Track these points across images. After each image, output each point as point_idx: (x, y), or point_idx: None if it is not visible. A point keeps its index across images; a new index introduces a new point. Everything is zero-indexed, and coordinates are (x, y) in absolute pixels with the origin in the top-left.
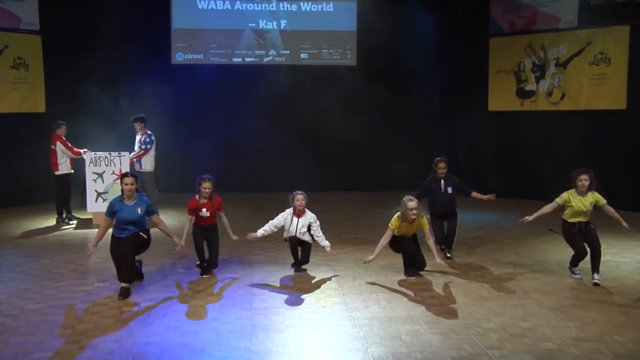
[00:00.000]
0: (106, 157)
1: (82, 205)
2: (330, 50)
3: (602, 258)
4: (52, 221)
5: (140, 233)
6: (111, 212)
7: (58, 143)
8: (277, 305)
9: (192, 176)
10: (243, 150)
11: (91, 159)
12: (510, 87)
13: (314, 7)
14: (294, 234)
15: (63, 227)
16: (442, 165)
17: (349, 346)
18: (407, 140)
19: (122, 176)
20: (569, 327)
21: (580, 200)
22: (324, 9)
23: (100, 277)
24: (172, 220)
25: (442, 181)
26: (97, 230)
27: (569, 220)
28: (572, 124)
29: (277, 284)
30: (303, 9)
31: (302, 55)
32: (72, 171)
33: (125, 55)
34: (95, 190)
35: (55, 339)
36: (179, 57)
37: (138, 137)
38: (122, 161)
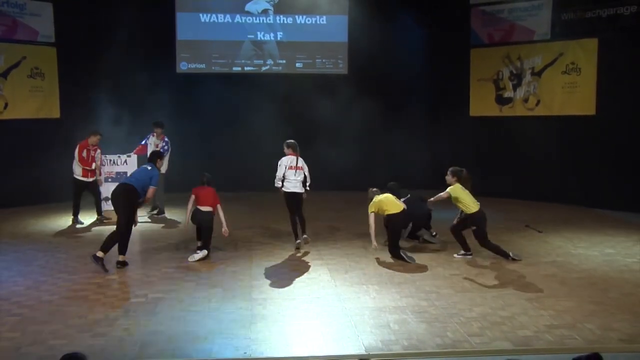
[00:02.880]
0: (117, 159)
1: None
2: (324, 60)
3: (574, 252)
4: (67, 219)
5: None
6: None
7: (78, 148)
8: (274, 296)
9: (195, 178)
10: (242, 152)
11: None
12: (490, 94)
13: (308, 20)
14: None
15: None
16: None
17: (342, 334)
18: (394, 143)
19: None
20: (544, 315)
21: (467, 194)
22: (318, 22)
23: (111, 271)
24: (173, 217)
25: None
26: (104, 228)
27: (477, 210)
28: (547, 128)
29: (275, 277)
30: (298, 21)
31: (298, 65)
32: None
33: (133, 64)
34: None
35: (69, 328)
36: (183, 66)
37: (153, 140)
38: (129, 162)
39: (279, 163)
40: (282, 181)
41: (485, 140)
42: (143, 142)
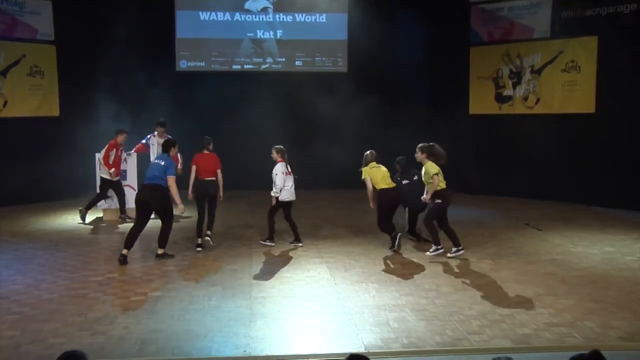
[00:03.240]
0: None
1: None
2: (323, 58)
3: (574, 250)
4: (66, 217)
5: None
6: None
7: (107, 148)
8: (274, 294)
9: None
10: (241, 150)
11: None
12: (490, 93)
13: (308, 18)
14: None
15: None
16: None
17: (341, 332)
18: (393, 141)
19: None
20: (543, 313)
21: (440, 171)
22: (317, 20)
23: (110, 269)
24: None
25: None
26: (103, 226)
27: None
28: (546, 127)
29: (274, 275)
30: (298, 19)
31: (297, 63)
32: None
33: (133, 62)
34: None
35: (69, 326)
36: (183, 64)
37: (156, 140)
38: (129, 161)
39: (274, 172)
40: (282, 191)
41: (484, 139)
42: (144, 141)
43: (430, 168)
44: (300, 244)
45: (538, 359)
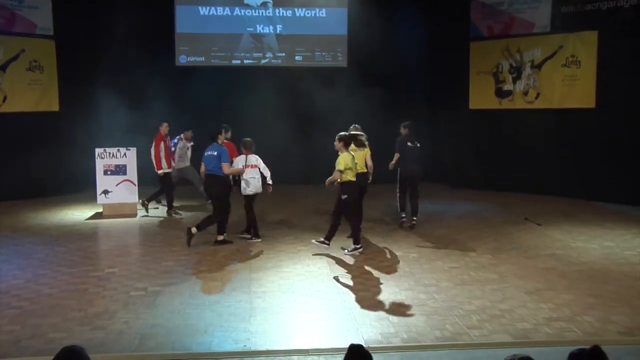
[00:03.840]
0: (116, 152)
1: (93, 198)
2: (323, 53)
3: (573, 245)
4: (66, 211)
5: None
6: None
7: (156, 142)
8: (273, 289)
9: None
10: (241, 145)
11: (100, 154)
12: (490, 87)
13: (308, 13)
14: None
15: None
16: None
17: (341, 327)
18: (393, 136)
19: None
20: (543, 308)
21: (353, 161)
22: (317, 15)
23: (110, 264)
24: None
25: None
26: (103, 221)
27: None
28: (546, 121)
29: (274, 270)
30: (297, 14)
31: (297, 58)
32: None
33: (132, 57)
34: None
35: (69, 320)
36: (182, 59)
37: (183, 144)
38: (129, 155)
39: (235, 163)
40: (242, 182)
41: (484, 134)
42: (172, 149)
43: (340, 160)
44: (257, 240)
45: (538, 353)
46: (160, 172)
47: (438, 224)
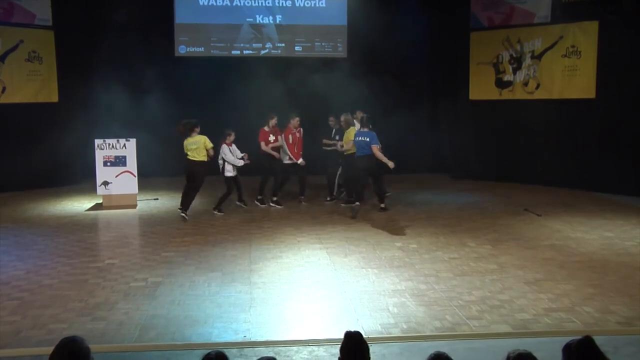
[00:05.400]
0: (116, 143)
1: (93, 190)
2: (323, 43)
3: (573, 235)
4: (66, 203)
5: None
6: None
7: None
8: (274, 280)
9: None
10: (240, 136)
11: (99, 145)
12: (490, 78)
13: (307, 3)
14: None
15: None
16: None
17: (341, 318)
18: (393, 126)
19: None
20: (542, 299)
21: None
22: (317, 5)
23: (110, 255)
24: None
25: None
26: (103, 212)
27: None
28: (546, 112)
29: (274, 261)
30: (297, 4)
31: (297, 48)
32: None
33: (131, 48)
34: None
35: (69, 311)
36: (182, 49)
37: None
38: (128, 146)
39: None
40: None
41: (484, 124)
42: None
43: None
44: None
45: (537, 344)
46: (300, 161)
47: (438, 215)
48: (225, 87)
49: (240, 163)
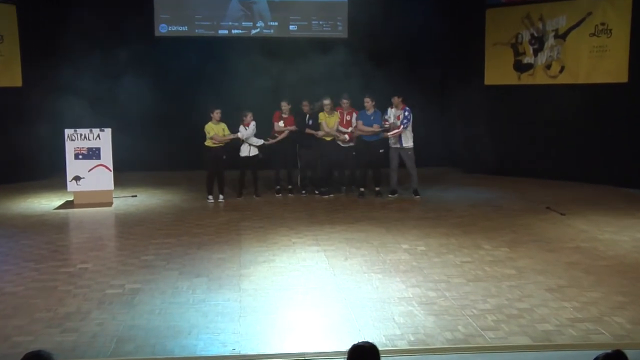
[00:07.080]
0: (88, 133)
1: (63, 186)
2: (321, 22)
3: (601, 237)
4: (32, 200)
5: None
6: None
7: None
8: (266, 286)
9: (175, 153)
10: (228, 124)
11: (70, 135)
12: (508, 61)
13: None
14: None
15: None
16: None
17: (341, 328)
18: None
19: None
20: (567, 307)
21: None
22: None
23: (83, 258)
24: (153, 199)
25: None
26: (74, 210)
27: None
28: (571, 98)
29: (267, 265)
30: None
31: (291, 27)
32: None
33: (105, 26)
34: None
35: (36, 322)
36: (163, 28)
37: (394, 112)
38: (102, 137)
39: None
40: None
41: (501, 112)
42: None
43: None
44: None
45: (560, 358)
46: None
47: (449, 213)
48: (211, 71)
49: (255, 140)
